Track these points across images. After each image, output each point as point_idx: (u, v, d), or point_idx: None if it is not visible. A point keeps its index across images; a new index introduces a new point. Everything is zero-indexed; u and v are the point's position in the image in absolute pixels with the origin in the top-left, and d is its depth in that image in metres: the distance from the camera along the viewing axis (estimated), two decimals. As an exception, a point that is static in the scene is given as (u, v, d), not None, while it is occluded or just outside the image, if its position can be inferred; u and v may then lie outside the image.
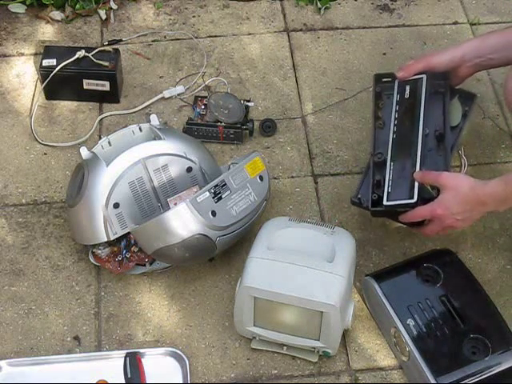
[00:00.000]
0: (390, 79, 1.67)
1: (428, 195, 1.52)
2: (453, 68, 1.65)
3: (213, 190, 1.59)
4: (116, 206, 1.62)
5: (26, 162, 1.88)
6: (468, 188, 1.49)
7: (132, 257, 1.67)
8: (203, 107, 1.93)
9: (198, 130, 1.89)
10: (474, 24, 2.16)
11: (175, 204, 1.63)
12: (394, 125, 1.61)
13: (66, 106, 1.99)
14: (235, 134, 1.89)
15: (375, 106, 1.66)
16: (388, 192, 1.54)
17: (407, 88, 1.63)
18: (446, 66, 1.64)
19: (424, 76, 1.63)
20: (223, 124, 1.88)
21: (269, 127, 1.92)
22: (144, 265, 1.68)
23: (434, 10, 2.21)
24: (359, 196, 1.59)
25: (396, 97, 1.64)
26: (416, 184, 1.52)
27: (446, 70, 1.64)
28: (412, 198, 1.51)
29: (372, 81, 1.70)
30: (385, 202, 1.53)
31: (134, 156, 1.64)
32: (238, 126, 1.88)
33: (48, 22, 2.16)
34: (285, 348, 1.57)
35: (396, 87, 1.65)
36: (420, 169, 1.53)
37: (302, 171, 1.87)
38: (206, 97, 1.94)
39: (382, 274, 1.62)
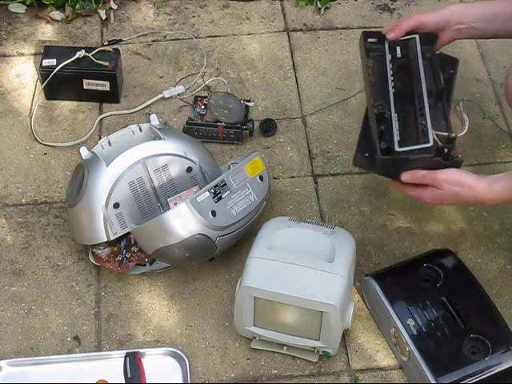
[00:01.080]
0: (375, 40, 1.60)
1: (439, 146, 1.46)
2: (438, 30, 1.60)
3: (213, 190, 1.59)
4: (116, 205, 1.62)
5: (26, 162, 1.88)
6: (468, 191, 1.44)
7: (132, 257, 1.67)
8: (203, 107, 1.93)
9: (198, 130, 1.89)
10: (474, 24, 2.16)
11: (175, 204, 1.63)
12: (392, 80, 1.54)
13: (66, 106, 1.99)
14: (235, 134, 1.89)
15: (366, 64, 1.59)
16: (398, 140, 1.45)
17: (398, 48, 1.58)
18: (434, 27, 1.59)
19: (416, 36, 1.57)
20: (223, 124, 1.88)
21: (269, 127, 1.92)
22: (144, 265, 1.68)
23: (434, 10, 2.20)
24: (366, 154, 1.49)
25: (388, 56, 1.58)
26: (429, 130, 1.44)
27: (433, 30, 1.58)
28: (427, 142, 1.43)
29: (360, 38, 1.63)
30: (397, 149, 1.44)
31: (134, 156, 1.64)
32: (238, 126, 1.88)
33: (48, 21, 2.16)
34: (285, 348, 1.57)
35: (386, 47, 1.59)
36: (431, 120, 1.45)
37: (302, 171, 1.87)
38: (205, 97, 1.94)
39: (382, 274, 1.62)
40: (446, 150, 1.45)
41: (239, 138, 1.90)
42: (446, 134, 1.46)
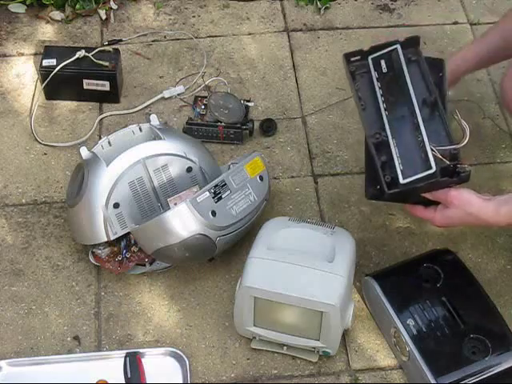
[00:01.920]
0: (359, 57, 1.55)
1: (444, 164, 1.43)
2: (453, 79, 1.66)
3: (213, 190, 1.59)
4: (116, 206, 1.62)
5: (26, 162, 1.88)
6: (476, 212, 1.45)
7: (132, 257, 1.67)
8: (203, 107, 1.93)
9: (198, 130, 1.89)
10: (474, 24, 2.16)
11: (175, 204, 1.63)
12: (383, 102, 1.50)
13: (66, 105, 1.99)
14: (235, 134, 1.89)
15: (354, 87, 1.55)
16: (401, 170, 1.42)
17: (382, 62, 1.53)
18: (450, 79, 1.62)
19: (398, 45, 1.52)
20: (223, 124, 1.88)
21: (269, 127, 1.92)
22: (144, 265, 1.68)
23: (434, 10, 2.21)
24: (378, 187, 1.45)
25: (374, 74, 1.53)
26: (430, 154, 1.41)
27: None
28: (430, 168, 1.40)
29: (343, 61, 1.57)
30: (401, 181, 1.40)
31: (134, 156, 1.64)
32: (238, 126, 1.88)
33: (48, 21, 2.16)
34: (285, 348, 1.57)
35: (371, 64, 1.54)
36: (428, 138, 1.43)
37: (302, 171, 1.87)
38: (205, 97, 1.94)
39: (382, 273, 1.62)
40: (451, 167, 1.43)
41: (239, 138, 1.90)
42: (448, 148, 1.44)
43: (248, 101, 1.94)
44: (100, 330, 1.62)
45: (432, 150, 1.42)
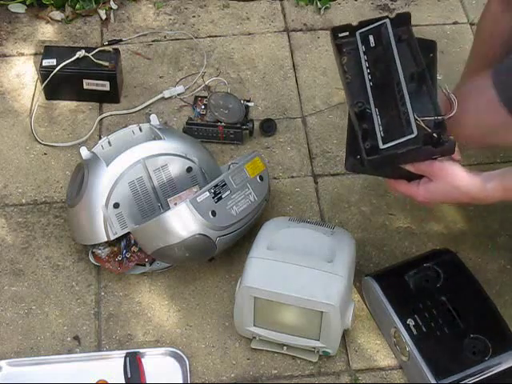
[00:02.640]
0: (347, 33, 1.51)
1: (427, 132, 1.37)
2: None
3: (213, 190, 1.59)
4: (116, 206, 1.62)
5: (26, 162, 1.88)
6: (462, 186, 1.40)
7: (132, 257, 1.67)
8: (203, 107, 1.93)
9: (198, 130, 1.88)
10: (474, 24, 2.16)
11: (175, 204, 1.63)
12: (368, 73, 1.45)
13: (66, 106, 1.99)
14: (235, 134, 1.89)
15: (340, 62, 1.50)
16: (382, 136, 1.37)
17: (371, 37, 1.49)
18: None
19: (387, 20, 1.48)
20: (223, 124, 1.88)
21: (269, 127, 1.92)
22: (144, 265, 1.68)
23: (434, 10, 2.21)
24: (358, 156, 1.40)
25: (361, 48, 1.49)
26: (412, 120, 1.35)
27: None
28: (411, 133, 1.34)
29: (330, 35, 1.53)
30: (381, 146, 1.36)
31: (134, 156, 1.64)
32: (238, 126, 1.88)
33: (48, 21, 2.16)
34: (285, 348, 1.57)
35: (358, 39, 1.50)
36: (412, 108, 1.37)
37: (302, 171, 1.87)
38: (205, 97, 1.94)
39: (382, 274, 1.62)
40: (435, 136, 1.35)
41: (239, 138, 1.90)
42: (434, 118, 1.37)
43: (248, 101, 1.94)
44: (100, 330, 1.62)
45: (416, 119, 1.36)
